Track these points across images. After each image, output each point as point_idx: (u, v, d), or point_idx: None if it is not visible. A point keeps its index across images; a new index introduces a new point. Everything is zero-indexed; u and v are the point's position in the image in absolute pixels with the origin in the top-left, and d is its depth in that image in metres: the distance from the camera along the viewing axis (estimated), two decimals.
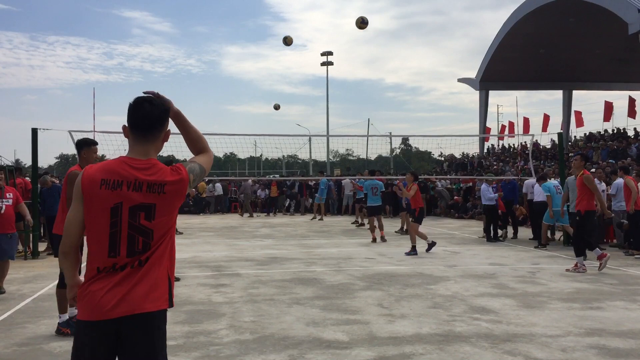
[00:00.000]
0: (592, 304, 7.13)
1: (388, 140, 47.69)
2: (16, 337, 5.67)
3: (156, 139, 2.67)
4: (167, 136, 2.74)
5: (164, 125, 2.69)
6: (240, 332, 5.87)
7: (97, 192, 2.52)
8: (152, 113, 2.63)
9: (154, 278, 2.55)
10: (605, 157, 22.71)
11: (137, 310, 2.47)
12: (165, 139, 2.73)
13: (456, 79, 47.39)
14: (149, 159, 2.63)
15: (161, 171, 2.60)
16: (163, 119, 2.68)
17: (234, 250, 12.82)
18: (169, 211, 2.61)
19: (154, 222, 2.55)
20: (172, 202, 2.60)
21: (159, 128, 2.67)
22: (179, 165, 2.67)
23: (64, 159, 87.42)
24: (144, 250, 2.54)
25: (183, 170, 2.65)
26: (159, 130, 2.67)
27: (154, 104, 2.65)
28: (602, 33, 29.46)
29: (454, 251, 12.64)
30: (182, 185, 2.62)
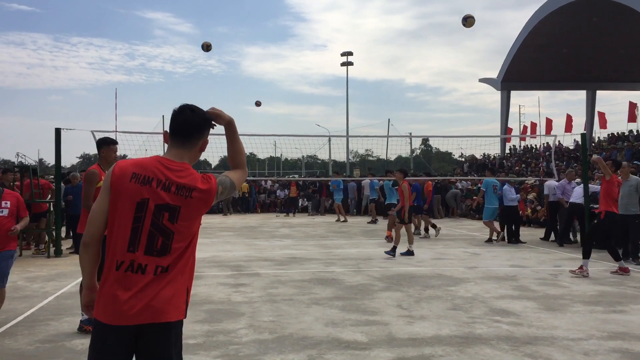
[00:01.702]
0: (616, 307, 7.03)
1: (408, 140, 47.55)
2: (39, 334, 5.75)
3: (193, 146, 2.70)
4: (204, 146, 2.76)
5: (202, 133, 2.71)
6: (260, 331, 5.89)
7: (126, 184, 2.54)
8: (192, 120, 2.67)
9: (176, 288, 2.56)
10: (630, 158, 22.37)
11: (159, 319, 2.49)
12: (202, 149, 2.75)
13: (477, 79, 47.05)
14: (183, 162, 2.66)
15: (192, 176, 2.61)
16: (202, 127, 2.70)
17: (254, 250, 12.86)
18: (193, 217, 2.61)
19: (176, 225, 2.56)
20: (196, 208, 2.61)
21: (197, 135, 2.70)
22: (210, 175, 2.69)
23: (86, 158, 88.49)
24: (162, 252, 2.53)
25: (213, 180, 2.67)
26: (196, 138, 2.70)
27: (195, 111, 2.69)
28: (626, 32, 29.04)
29: (475, 252, 12.54)
30: (210, 195, 2.63)
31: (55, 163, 12.96)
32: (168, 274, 2.54)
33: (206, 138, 2.75)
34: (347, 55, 46.23)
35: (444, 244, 14.21)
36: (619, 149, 25.00)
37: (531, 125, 46.13)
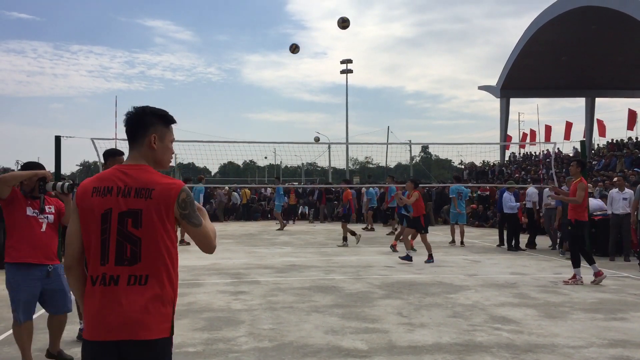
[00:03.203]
0: (616, 315, 7.01)
1: (408, 148, 47.58)
2: (38, 342, 5.73)
3: (141, 145, 2.61)
4: (159, 142, 2.63)
5: (146, 129, 2.61)
6: (259, 339, 5.88)
7: (88, 200, 2.52)
8: (131, 118, 2.63)
9: (155, 302, 2.46)
10: (629, 165, 22.37)
11: (137, 336, 2.41)
12: (152, 146, 2.61)
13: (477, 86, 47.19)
14: (140, 164, 2.59)
15: (149, 175, 2.55)
16: (142, 122, 2.62)
17: (253, 258, 12.85)
18: (156, 219, 2.48)
19: (141, 230, 2.47)
20: (158, 209, 2.48)
21: (141, 132, 2.61)
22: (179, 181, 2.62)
23: (86, 166, 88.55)
24: (133, 260, 2.46)
25: (178, 181, 2.58)
26: (141, 135, 2.61)
27: (136, 109, 2.65)
28: (624, 40, 29.13)
29: (475, 260, 12.52)
30: (172, 190, 2.50)
31: (55, 171, 12.96)
32: (145, 286, 2.45)
33: (156, 133, 2.61)
34: (346, 62, 46.31)
35: (444, 251, 14.20)
36: (618, 157, 25.00)
37: (530, 133, 46.14)
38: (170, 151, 2.70)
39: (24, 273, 4.77)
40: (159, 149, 2.63)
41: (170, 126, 2.70)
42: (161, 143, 2.63)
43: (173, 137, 2.72)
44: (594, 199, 14.35)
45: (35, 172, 4.83)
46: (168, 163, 2.71)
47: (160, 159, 2.65)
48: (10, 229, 4.85)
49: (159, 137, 2.63)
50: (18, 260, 4.75)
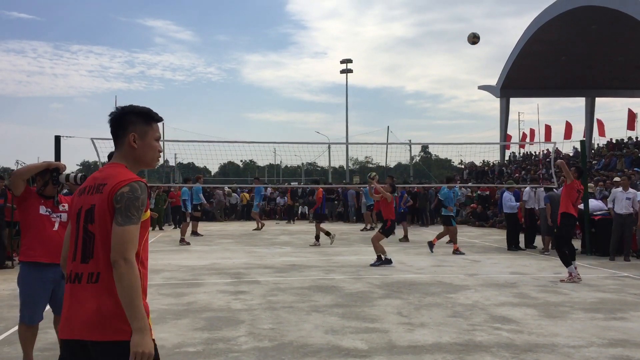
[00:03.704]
0: (616, 315, 7.01)
1: (408, 148, 47.63)
2: (38, 342, 5.72)
3: (122, 144, 2.61)
4: (134, 140, 2.58)
5: (125, 128, 2.59)
6: (259, 339, 5.88)
7: (74, 201, 2.61)
8: (112, 119, 2.62)
9: (108, 302, 2.37)
10: (629, 165, 22.38)
11: (90, 336, 2.35)
12: (132, 144, 2.58)
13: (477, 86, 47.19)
14: (115, 162, 2.60)
15: (111, 171, 2.52)
16: (120, 122, 2.60)
17: (253, 258, 12.85)
18: (107, 214, 2.41)
19: (94, 225, 2.44)
20: (109, 202, 2.41)
21: (121, 132, 2.60)
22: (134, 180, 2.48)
23: (86, 166, 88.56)
24: (89, 257, 2.44)
25: (134, 177, 2.49)
26: (122, 135, 2.60)
27: (116, 110, 2.63)
28: (624, 40, 29.13)
29: (475, 260, 12.52)
30: (118, 184, 2.43)
31: None
32: (97, 284, 2.39)
33: (135, 132, 2.58)
34: (346, 62, 46.36)
35: (444, 251, 14.19)
36: (618, 157, 25.00)
37: (530, 132, 46.16)
38: (154, 149, 2.65)
39: (37, 273, 4.75)
40: (139, 148, 2.60)
41: (154, 124, 2.65)
42: (142, 141, 2.60)
43: (158, 135, 2.67)
44: (594, 200, 14.34)
45: (49, 163, 4.83)
46: (153, 161, 2.67)
47: (142, 157, 2.63)
48: (24, 227, 4.86)
49: (139, 135, 2.59)
50: (31, 260, 4.74)
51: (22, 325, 4.84)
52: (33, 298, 4.76)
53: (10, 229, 11.85)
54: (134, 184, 2.44)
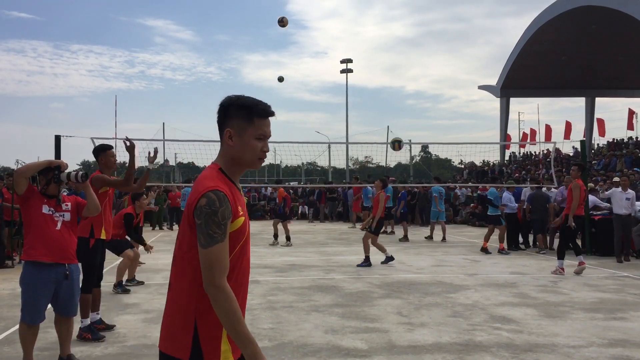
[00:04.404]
0: (616, 314, 7.01)
1: (407, 147, 47.55)
2: (38, 341, 5.71)
3: (221, 140, 2.37)
4: (230, 137, 2.32)
5: (222, 123, 2.35)
6: (259, 339, 5.87)
7: None
8: (218, 111, 2.39)
9: (173, 310, 2.32)
10: (629, 165, 22.38)
11: (160, 344, 2.30)
12: (226, 142, 2.33)
13: (477, 86, 47.17)
14: (213, 163, 2.38)
15: (204, 172, 2.34)
16: (220, 116, 2.36)
17: (253, 257, 12.84)
18: (184, 222, 2.29)
19: (179, 234, 2.39)
20: (188, 212, 2.25)
21: (220, 127, 2.37)
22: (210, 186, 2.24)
23: (86, 165, 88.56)
24: (173, 263, 2.40)
25: (212, 184, 2.23)
26: (220, 130, 2.37)
27: (222, 101, 2.39)
28: (625, 39, 29.14)
29: (475, 259, 12.52)
30: (196, 194, 2.24)
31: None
32: (170, 292, 2.34)
33: (232, 128, 2.31)
34: (346, 62, 46.34)
35: (444, 251, 14.20)
36: (618, 156, 25.00)
37: (530, 132, 46.17)
38: (254, 149, 2.32)
39: (39, 273, 4.73)
40: (235, 146, 2.31)
41: (257, 120, 2.31)
42: (239, 139, 2.30)
43: (261, 133, 2.32)
44: (591, 196, 14.28)
45: (50, 161, 4.83)
46: (253, 163, 2.35)
47: (238, 157, 2.33)
48: (26, 227, 4.85)
49: (236, 132, 2.31)
50: (33, 259, 4.73)
51: (23, 324, 4.83)
52: (35, 298, 4.75)
53: (10, 228, 11.85)
54: (210, 194, 2.16)
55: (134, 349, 5.59)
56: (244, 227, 2.28)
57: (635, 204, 12.77)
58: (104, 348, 5.63)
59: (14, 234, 11.93)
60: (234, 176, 2.35)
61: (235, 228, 2.22)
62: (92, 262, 5.99)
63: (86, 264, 5.97)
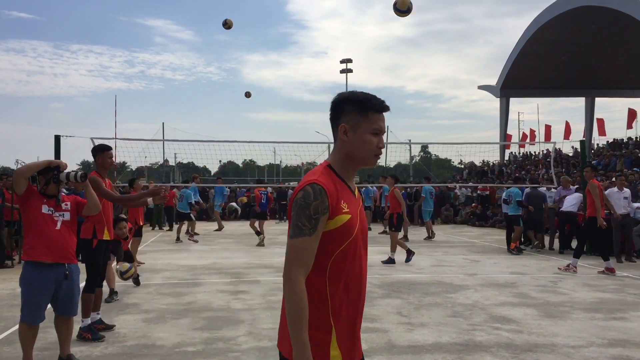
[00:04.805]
0: (616, 315, 7.01)
1: (407, 147, 47.58)
2: (38, 341, 5.71)
3: (335, 136, 2.30)
4: (345, 132, 2.25)
5: (336, 118, 2.28)
6: (259, 339, 5.87)
7: None
8: (330, 107, 2.32)
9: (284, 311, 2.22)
10: (629, 165, 22.37)
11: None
12: (341, 138, 2.26)
13: (477, 86, 47.19)
14: (325, 160, 2.33)
15: (315, 168, 2.30)
16: (334, 111, 2.30)
17: (253, 257, 12.84)
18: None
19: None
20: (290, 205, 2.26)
21: (334, 123, 2.30)
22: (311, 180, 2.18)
23: (86, 165, 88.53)
24: None
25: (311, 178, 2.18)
26: (334, 126, 2.30)
27: (334, 97, 2.32)
28: (625, 39, 29.14)
29: (474, 259, 12.52)
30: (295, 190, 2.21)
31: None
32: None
33: (347, 123, 2.24)
34: (346, 62, 46.33)
35: (444, 250, 14.20)
36: (618, 156, 25.00)
37: (530, 132, 46.19)
38: (369, 145, 2.24)
39: (39, 273, 4.73)
40: (350, 142, 2.24)
41: (372, 114, 2.25)
42: (354, 134, 2.24)
43: (376, 128, 2.25)
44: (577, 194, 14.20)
45: (50, 161, 4.83)
46: (368, 159, 2.27)
47: (353, 153, 2.26)
48: (26, 227, 4.84)
49: (351, 127, 2.24)
50: (33, 259, 4.73)
51: (22, 324, 4.83)
52: (35, 298, 4.75)
53: (10, 228, 11.85)
54: (307, 187, 2.11)
55: (134, 349, 5.59)
56: (350, 226, 2.17)
57: (632, 203, 12.78)
58: (104, 348, 5.62)
59: (14, 234, 11.93)
60: (347, 173, 2.27)
61: (336, 225, 2.13)
62: (95, 262, 6.01)
63: (90, 264, 5.98)
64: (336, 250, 2.14)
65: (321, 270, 2.13)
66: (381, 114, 2.27)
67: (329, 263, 2.14)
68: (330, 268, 2.14)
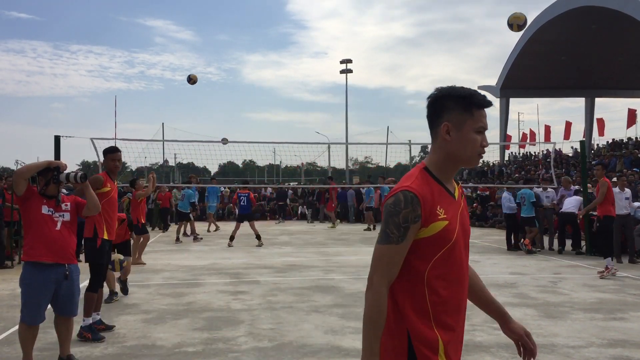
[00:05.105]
0: (616, 315, 7.01)
1: (407, 148, 47.59)
2: (38, 341, 5.71)
3: (435, 135, 2.17)
4: (447, 131, 2.11)
5: (437, 116, 2.15)
6: (259, 339, 5.87)
7: None
8: (428, 104, 2.20)
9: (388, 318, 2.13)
10: (629, 165, 22.38)
11: None
12: (443, 137, 2.12)
13: (477, 86, 47.26)
14: (422, 162, 2.21)
15: (409, 172, 2.17)
16: (434, 108, 2.16)
17: (253, 258, 12.84)
18: None
19: None
20: None
21: (433, 122, 2.17)
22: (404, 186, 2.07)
23: (86, 165, 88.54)
24: None
25: (403, 185, 2.09)
26: (434, 125, 2.17)
27: (432, 93, 2.18)
28: (625, 40, 29.16)
29: (474, 260, 12.52)
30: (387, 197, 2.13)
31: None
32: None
33: (449, 121, 2.11)
34: (346, 62, 46.33)
35: None
36: (618, 157, 25.00)
37: (530, 133, 46.22)
38: (473, 143, 2.11)
39: (39, 273, 4.73)
40: (454, 141, 2.10)
41: (476, 111, 2.11)
42: (457, 133, 2.10)
43: (480, 126, 2.12)
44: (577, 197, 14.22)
45: (49, 162, 4.84)
46: (472, 159, 2.14)
47: (455, 153, 2.12)
48: (26, 227, 4.85)
49: (455, 125, 2.10)
50: (33, 259, 4.73)
51: (22, 325, 4.83)
52: (35, 298, 4.75)
53: (10, 228, 11.85)
54: (399, 194, 2.02)
55: (134, 349, 5.59)
56: (448, 231, 2.06)
57: (633, 203, 12.76)
58: (104, 348, 5.63)
59: (14, 235, 11.93)
60: (446, 175, 2.15)
61: (432, 233, 2.03)
62: (99, 261, 6.02)
63: (93, 263, 5.99)
64: (434, 256, 2.05)
65: (419, 277, 2.05)
66: (484, 110, 2.14)
67: (427, 270, 2.04)
68: (429, 275, 2.04)
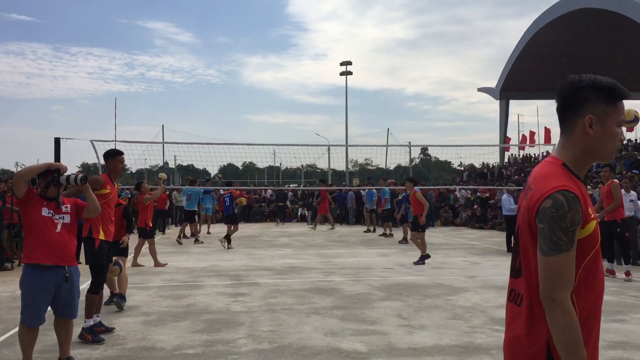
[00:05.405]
0: (616, 317, 7.01)
1: (407, 149, 47.53)
2: (38, 343, 5.71)
3: (569, 129, 2.02)
4: (590, 124, 1.98)
5: (576, 109, 2.00)
6: (259, 341, 5.87)
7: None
8: (561, 93, 2.08)
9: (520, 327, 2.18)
10: (629, 167, 22.38)
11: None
12: (584, 131, 1.98)
13: (476, 88, 47.23)
14: (552, 157, 2.05)
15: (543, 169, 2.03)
16: (573, 100, 2.03)
17: (253, 260, 12.84)
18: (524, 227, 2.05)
19: (517, 235, 2.15)
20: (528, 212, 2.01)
21: (570, 114, 2.02)
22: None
23: (86, 168, 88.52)
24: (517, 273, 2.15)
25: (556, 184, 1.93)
26: (570, 117, 2.02)
27: (567, 82, 2.09)
28: (624, 42, 29.17)
29: (474, 262, 12.52)
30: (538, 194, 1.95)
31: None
32: (519, 307, 2.09)
33: (593, 114, 1.97)
34: (346, 64, 46.32)
35: (444, 253, 14.19)
36: (617, 158, 25.01)
37: (530, 135, 46.18)
38: (614, 137, 2.00)
39: (39, 275, 4.72)
40: (596, 135, 1.97)
41: (619, 103, 2.01)
42: (600, 127, 1.97)
43: (622, 118, 2.01)
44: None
45: (49, 164, 4.84)
46: (611, 154, 2.03)
47: (595, 148, 2.00)
48: (26, 229, 4.85)
49: (598, 118, 1.97)
50: (34, 261, 4.73)
51: (22, 327, 4.83)
52: (35, 300, 4.75)
53: (10, 230, 11.85)
54: (557, 196, 1.87)
55: (133, 351, 5.59)
56: (596, 233, 1.96)
57: (638, 205, 12.74)
58: (104, 350, 5.62)
59: (14, 237, 11.92)
60: (582, 171, 2.03)
61: (585, 234, 1.92)
62: (99, 262, 6.03)
63: (94, 265, 6.00)
64: (584, 260, 1.93)
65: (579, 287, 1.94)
66: (622, 102, 2.03)
67: (577, 275, 1.92)
68: (578, 280, 1.93)
